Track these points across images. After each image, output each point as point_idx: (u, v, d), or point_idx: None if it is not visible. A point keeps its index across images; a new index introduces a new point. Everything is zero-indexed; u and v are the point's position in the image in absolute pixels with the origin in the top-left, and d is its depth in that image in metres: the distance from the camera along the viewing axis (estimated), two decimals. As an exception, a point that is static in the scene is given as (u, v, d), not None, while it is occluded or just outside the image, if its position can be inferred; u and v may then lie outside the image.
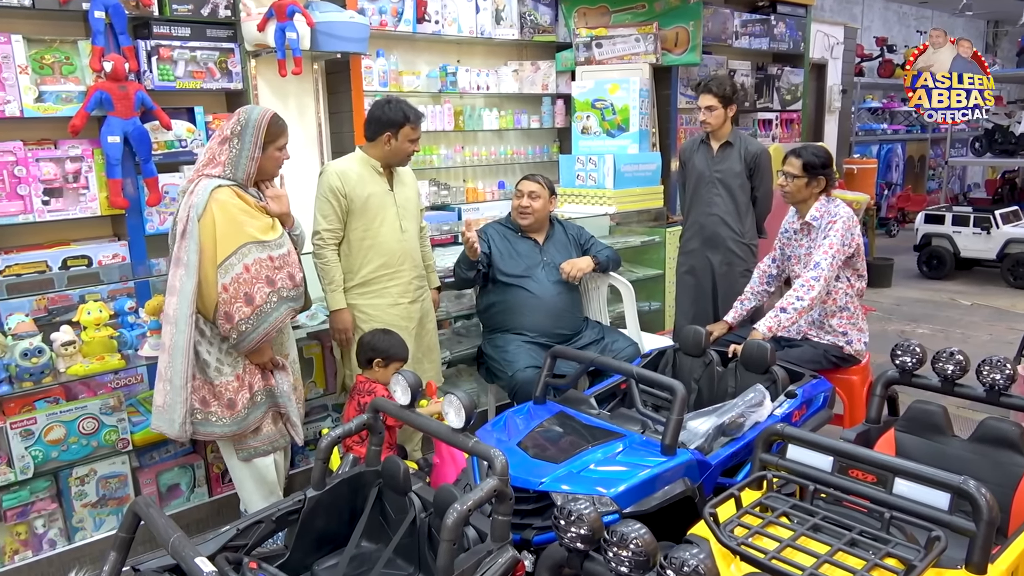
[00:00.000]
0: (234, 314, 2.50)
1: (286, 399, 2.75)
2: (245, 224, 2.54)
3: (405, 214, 3.33)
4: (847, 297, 3.41)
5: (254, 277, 2.52)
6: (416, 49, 4.91)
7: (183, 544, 1.57)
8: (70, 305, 3.34)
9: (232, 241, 2.51)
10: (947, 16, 12.55)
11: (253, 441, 2.73)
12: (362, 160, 3.26)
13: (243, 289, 2.50)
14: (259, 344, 2.58)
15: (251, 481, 2.81)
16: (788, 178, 3.41)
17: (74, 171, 3.38)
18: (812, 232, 3.45)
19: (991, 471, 2.24)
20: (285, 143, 2.71)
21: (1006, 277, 7.57)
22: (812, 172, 3.37)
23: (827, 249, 3.27)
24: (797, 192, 3.42)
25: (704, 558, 1.37)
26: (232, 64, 3.76)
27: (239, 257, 2.51)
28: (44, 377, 2.79)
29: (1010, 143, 8.40)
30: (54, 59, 3.32)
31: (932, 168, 11.96)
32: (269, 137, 2.63)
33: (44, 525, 2.92)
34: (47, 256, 3.36)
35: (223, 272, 2.49)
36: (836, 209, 3.38)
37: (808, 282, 3.24)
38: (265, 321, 2.55)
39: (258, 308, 2.53)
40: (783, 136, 6.89)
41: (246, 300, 2.51)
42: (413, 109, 3.21)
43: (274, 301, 2.57)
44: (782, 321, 3.22)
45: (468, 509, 1.80)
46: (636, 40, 5.14)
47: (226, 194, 2.55)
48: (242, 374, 2.63)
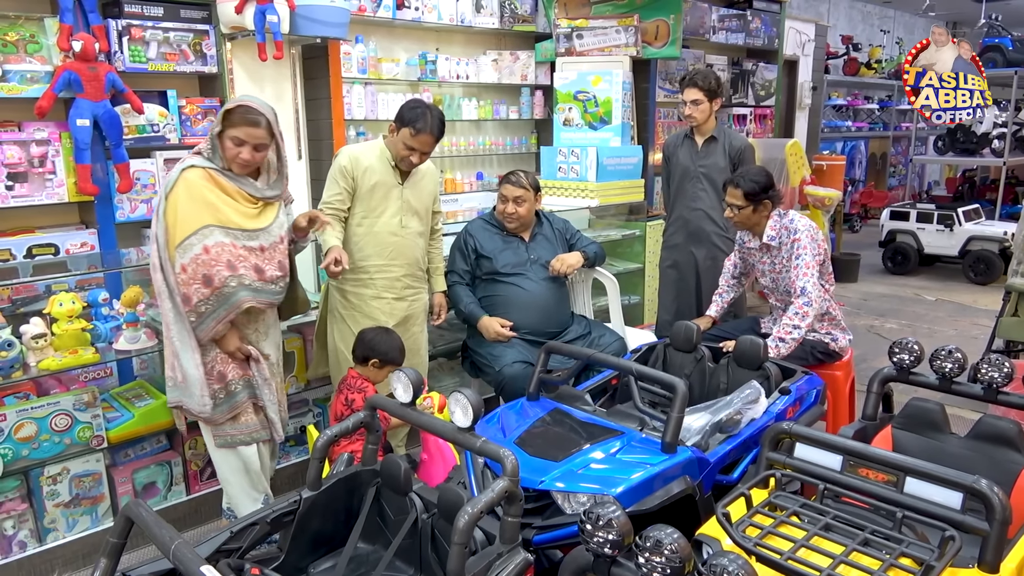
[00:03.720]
0: (192, 295, 2.43)
1: (262, 391, 2.67)
2: (212, 206, 2.45)
3: (410, 210, 3.23)
4: (827, 302, 3.42)
5: (214, 259, 2.43)
6: (395, 36, 4.81)
7: (186, 551, 1.49)
8: (36, 295, 3.20)
9: (194, 221, 2.42)
10: (909, 16, 12.79)
11: (231, 428, 2.65)
12: (379, 147, 3.18)
13: (202, 271, 2.42)
14: (218, 328, 2.50)
15: (233, 472, 2.72)
16: (734, 209, 3.37)
17: (40, 155, 3.23)
18: (772, 251, 3.44)
19: (989, 469, 2.26)
20: (241, 138, 2.47)
21: (967, 273, 7.75)
22: (755, 199, 3.32)
23: (805, 271, 3.25)
24: (746, 220, 3.39)
25: (743, 564, 1.33)
26: (207, 47, 3.64)
27: (199, 237, 2.42)
28: (14, 372, 2.66)
29: (971, 142, 8.58)
30: (18, 36, 3.17)
31: (893, 165, 12.20)
32: (226, 122, 2.49)
33: (14, 526, 2.78)
34: (11, 244, 3.21)
35: (181, 252, 2.42)
36: (793, 224, 3.34)
37: (801, 309, 3.22)
38: (225, 303, 2.47)
39: (217, 290, 2.44)
40: (756, 132, 6.93)
41: (204, 281, 2.43)
42: (420, 118, 3.02)
43: (233, 285, 2.47)
44: (782, 351, 3.19)
45: (480, 511, 1.74)
46: (616, 32, 5.10)
47: (196, 174, 2.47)
48: (209, 361, 2.57)
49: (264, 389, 2.68)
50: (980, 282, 7.64)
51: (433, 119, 3.05)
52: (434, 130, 3.07)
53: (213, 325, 2.49)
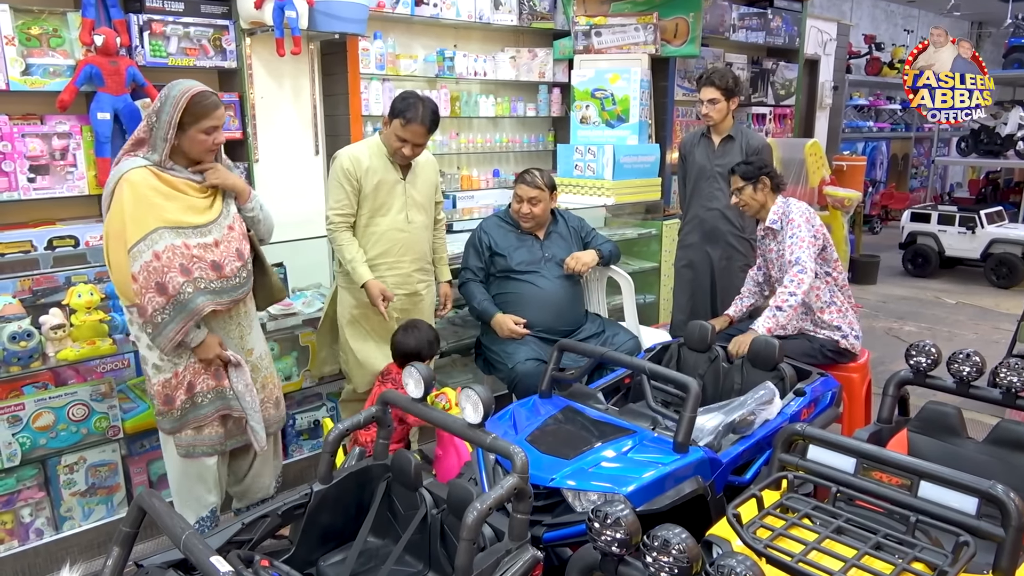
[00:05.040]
0: (147, 305, 2.30)
1: (241, 400, 2.55)
2: (158, 207, 2.32)
3: (414, 204, 3.24)
4: (831, 291, 3.43)
5: (165, 266, 2.31)
6: (413, 32, 4.82)
7: (196, 542, 1.50)
8: (56, 287, 3.23)
9: (141, 226, 2.29)
10: (933, 16, 12.64)
11: (191, 439, 2.53)
12: (376, 145, 3.17)
13: (154, 278, 2.30)
14: (176, 338, 2.36)
15: (184, 478, 2.60)
16: (737, 194, 3.49)
17: (61, 148, 3.28)
18: (777, 235, 3.48)
19: (1006, 474, 2.22)
20: (213, 125, 2.39)
21: (989, 276, 7.65)
22: (751, 178, 3.43)
23: (799, 243, 3.31)
24: (751, 201, 3.48)
25: (751, 565, 1.32)
26: (226, 42, 3.66)
27: (148, 244, 2.30)
28: (33, 361, 2.69)
29: (995, 144, 8.47)
30: (41, 31, 3.21)
31: (915, 167, 12.06)
32: (189, 117, 2.34)
33: (31, 514, 2.82)
34: (32, 235, 3.25)
35: (132, 260, 2.29)
36: (788, 207, 3.44)
37: (795, 276, 3.25)
38: (183, 310, 2.34)
39: (172, 297, 2.32)
40: (776, 131, 6.88)
41: (158, 289, 2.30)
42: (412, 109, 3.01)
43: (189, 291, 2.34)
44: (780, 319, 3.22)
45: (488, 507, 1.74)
46: (635, 30, 5.08)
47: (140, 175, 2.32)
48: (181, 372, 2.46)
49: (246, 397, 2.56)
50: (1002, 286, 7.54)
51: (425, 110, 3.02)
52: (425, 121, 3.02)
53: (172, 335, 2.35)
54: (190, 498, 2.63)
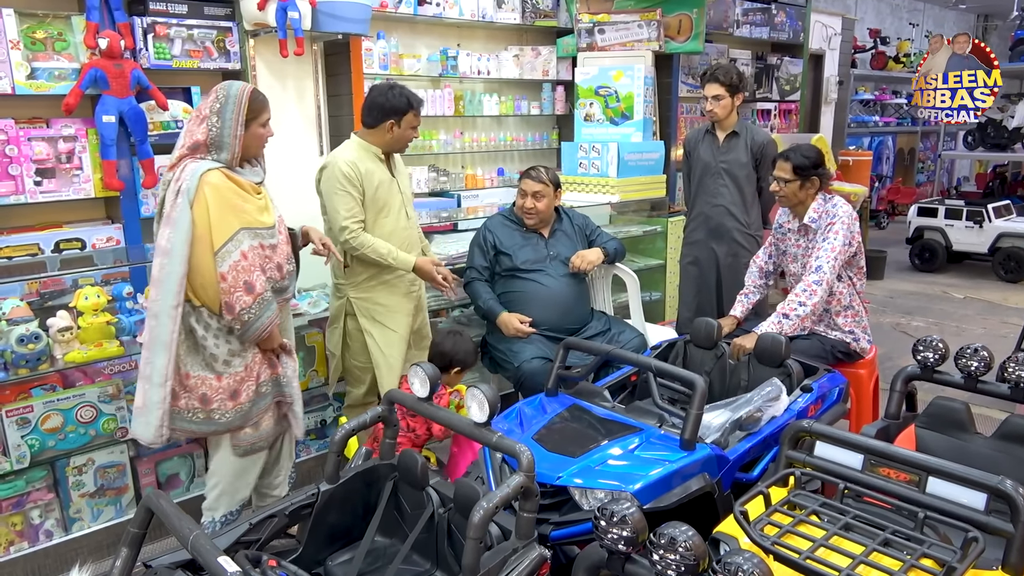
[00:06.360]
0: (235, 304, 2.39)
1: (290, 386, 2.66)
2: (239, 208, 2.42)
3: (408, 201, 3.27)
4: (851, 296, 3.37)
5: (251, 264, 2.42)
6: (416, 32, 4.82)
7: (204, 542, 1.50)
8: (63, 289, 3.25)
9: (227, 227, 2.38)
10: (939, 9, 12.57)
11: (252, 437, 2.60)
12: (363, 148, 3.15)
13: (242, 277, 2.39)
14: (265, 332, 2.49)
15: (235, 477, 2.63)
16: (780, 183, 3.34)
17: (67, 151, 3.28)
18: (810, 234, 3.39)
19: (1015, 469, 2.22)
20: (268, 119, 2.58)
21: (997, 271, 7.61)
22: (803, 174, 3.29)
23: (829, 252, 3.21)
24: (792, 196, 3.35)
25: (758, 562, 1.32)
26: (230, 43, 3.67)
27: (235, 244, 2.39)
28: (41, 364, 2.71)
29: (1003, 137, 8.42)
30: (46, 34, 3.21)
31: (921, 161, 12.01)
32: (251, 113, 2.49)
33: (40, 516, 2.84)
34: (39, 238, 3.26)
35: (220, 260, 2.37)
36: (835, 209, 3.30)
37: (810, 287, 3.19)
38: (268, 309, 2.47)
39: (259, 296, 2.43)
40: (781, 127, 6.86)
41: (246, 288, 2.40)
42: (414, 95, 3.13)
43: (270, 292, 2.48)
44: (784, 328, 3.16)
45: (495, 506, 1.74)
46: (639, 27, 5.06)
47: (217, 177, 2.40)
48: (251, 364, 2.53)
49: (293, 382, 2.67)
50: (1010, 280, 7.51)
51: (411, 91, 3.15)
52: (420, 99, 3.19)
53: (267, 325, 2.47)
54: (233, 494, 2.66)
